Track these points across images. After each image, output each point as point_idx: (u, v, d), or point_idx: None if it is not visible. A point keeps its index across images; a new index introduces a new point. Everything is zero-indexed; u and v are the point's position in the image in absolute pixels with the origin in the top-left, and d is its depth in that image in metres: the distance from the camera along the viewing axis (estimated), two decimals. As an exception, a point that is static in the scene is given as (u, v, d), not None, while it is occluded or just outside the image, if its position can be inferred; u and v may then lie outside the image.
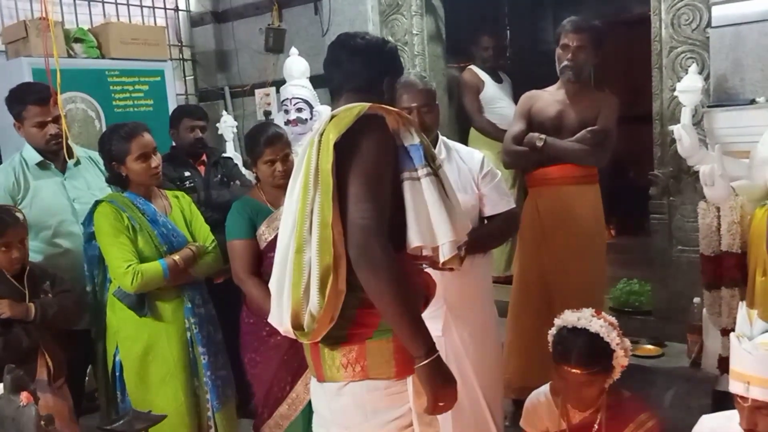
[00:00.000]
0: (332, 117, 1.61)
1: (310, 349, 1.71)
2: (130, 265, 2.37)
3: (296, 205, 1.60)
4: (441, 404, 1.58)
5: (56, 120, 2.72)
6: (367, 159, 1.55)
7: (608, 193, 3.04)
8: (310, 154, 1.58)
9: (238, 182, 3.40)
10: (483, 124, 4.24)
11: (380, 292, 1.51)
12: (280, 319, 1.65)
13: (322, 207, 1.53)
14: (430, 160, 1.65)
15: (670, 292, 3.21)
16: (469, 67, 4.39)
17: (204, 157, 3.44)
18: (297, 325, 1.60)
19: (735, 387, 1.60)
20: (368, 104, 1.61)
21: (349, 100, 1.69)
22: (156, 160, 2.49)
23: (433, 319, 2.30)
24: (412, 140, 1.64)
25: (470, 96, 4.29)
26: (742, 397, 1.58)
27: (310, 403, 2.38)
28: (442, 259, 1.65)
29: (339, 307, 1.56)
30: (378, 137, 1.58)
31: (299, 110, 3.71)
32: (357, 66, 1.73)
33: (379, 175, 1.56)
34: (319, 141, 1.57)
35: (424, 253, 1.66)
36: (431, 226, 1.59)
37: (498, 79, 4.41)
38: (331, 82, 1.79)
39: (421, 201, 1.60)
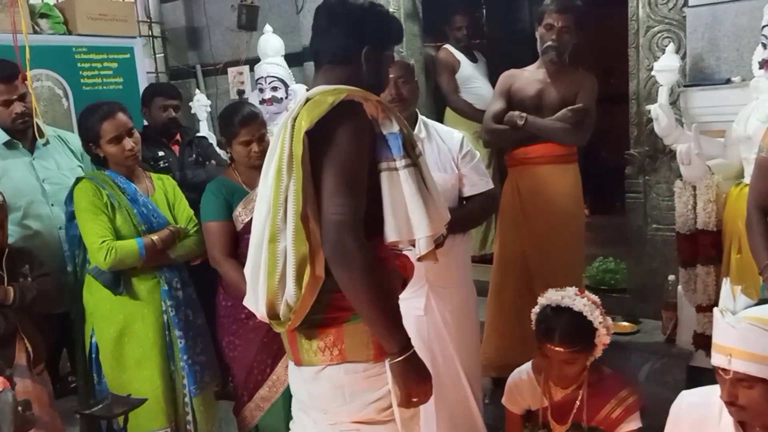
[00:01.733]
0: (307, 100, 1.55)
1: (286, 333, 1.68)
2: (104, 241, 2.33)
3: (270, 191, 1.54)
4: (414, 399, 1.56)
5: (22, 98, 2.63)
6: (342, 150, 1.48)
7: (584, 172, 3.05)
8: (284, 140, 1.51)
9: (213, 162, 3.35)
10: (459, 104, 4.22)
11: (354, 289, 1.48)
12: (255, 305, 1.62)
13: (297, 196, 1.48)
14: (410, 148, 1.59)
15: (645, 270, 3.25)
16: (445, 46, 4.36)
17: (178, 137, 3.37)
18: (273, 315, 1.57)
19: (717, 359, 1.62)
20: (345, 90, 1.53)
21: (327, 75, 1.63)
22: (130, 142, 2.44)
23: (415, 298, 2.33)
24: (392, 128, 1.56)
25: (446, 75, 4.26)
26: (723, 370, 1.60)
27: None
28: (418, 255, 1.60)
29: (316, 293, 1.53)
30: (354, 126, 1.51)
31: (274, 89, 3.66)
32: (334, 34, 1.63)
33: (355, 167, 1.50)
34: (293, 126, 1.50)
35: (401, 247, 1.62)
36: (409, 220, 1.54)
37: (473, 59, 4.39)
38: (311, 51, 1.70)
39: (399, 193, 1.54)
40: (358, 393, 1.59)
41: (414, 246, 1.65)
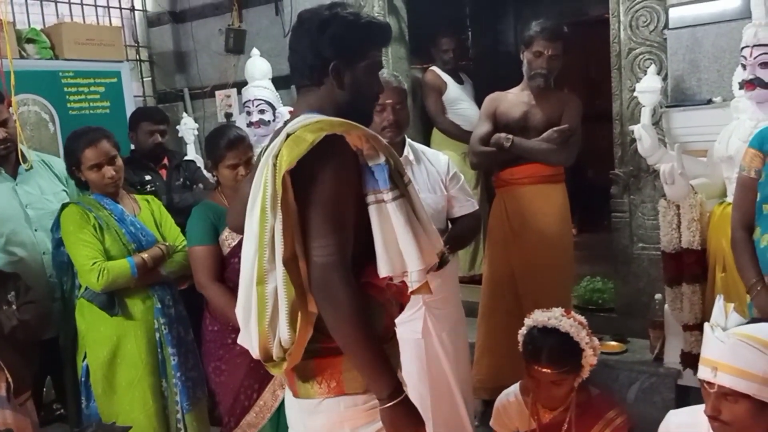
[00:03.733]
0: (288, 135, 1.46)
1: None
2: (95, 263, 2.35)
3: (256, 230, 1.48)
4: None
5: (4, 124, 2.63)
6: (324, 190, 1.43)
7: (570, 192, 3.07)
8: (266, 178, 1.45)
9: (201, 186, 3.34)
10: (446, 125, 4.25)
11: (341, 330, 1.44)
12: (250, 344, 1.55)
13: (285, 237, 1.43)
14: (398, 178, 1.52)
15: (631, 289, 3.26)
16: (431, 68, 4.40)
17: (165, 161, 3.36)
18: (267, 358, 1.51)
19: (703, 373, 1.62)
20: (327, 125, 1.46)
21: (305, 99, 1.58)
22: (111, 170, 2.46)
23: (413, 321, 2.35)
24: (378, 159, 1.49)
25: (433, 97, 4.29)
26: (709, 383, 1.61)
27: (277, 410, 2.36)
28: (410, 289, 1.54)
29: (311, 332, 1.48)
30: (336, 163, 1.45)
31: (262, 112, 3.67)
32: (300, 54, 1.55)
33: (339, 206, 1.45)
34: (274, 165, 1.44)
35: (395, 281, 1.57)
36: (400, 254, 1.50)
37: (459, 80, 4.43)
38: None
39: (389, 227, 1.48)
40: (359, 427, 1.54)
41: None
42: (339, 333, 1.44)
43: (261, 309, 1.48)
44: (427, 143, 4.23)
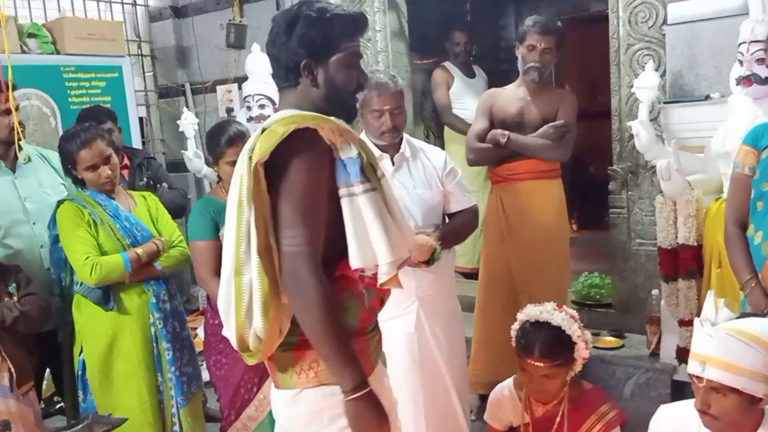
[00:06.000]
0: (263, 130, 1.49)
1: None
2: (88, 257, 2.37)
3: (234, 222, 1.50)
4: None
5: (10, 112, 2.63)
6: (295, 181, 1.46)
7: (569, 188, 3.08)
8: (243, 172, 1.47)
9: (165, 185, 3.30)
10: (452, 119, 4.28)
11: (308, 320, 1.45)
12: (231, 335, 1.57)
13: (257, 228, 1.45)
14: (371, 172, 1.54)
15: (629, 284, 3.27)
16: (443, 64, 4.42)
17: (126, 161, 3.27)
18: (243, 348, 1.54)
19: (692, 367, 1.64)
20: (299, 119, 1.48)
21: (285, 99, 1.60)
22: (107, 170, 2.47)
23: (405, 315, 2.36)
24: (350, 153, 1.51)
25: (439, 93, 4.32)
26: (698, 378, 1.62)
27: (276, 403, 2.38)
28: (380, 282, 1.55)
29: (287, 321, 1.50)
30: (308, 156, 1.47)
31: (262, 107, 3.68)
32: (274, 56, 1.57)
33: (310, 198, 1.47)
34: (250, 158, 1.46)
35: (367, 273, 1.57)
36: (371, 247, 1.51)
37: (471, 74, 4.43)
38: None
39: (360, 220, 1.50)
40: (336, 416, 1.54)
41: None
42: (305, 322, 1.46)
43: (238, 300, 1.50)
44: (441, 135, 4.30)
